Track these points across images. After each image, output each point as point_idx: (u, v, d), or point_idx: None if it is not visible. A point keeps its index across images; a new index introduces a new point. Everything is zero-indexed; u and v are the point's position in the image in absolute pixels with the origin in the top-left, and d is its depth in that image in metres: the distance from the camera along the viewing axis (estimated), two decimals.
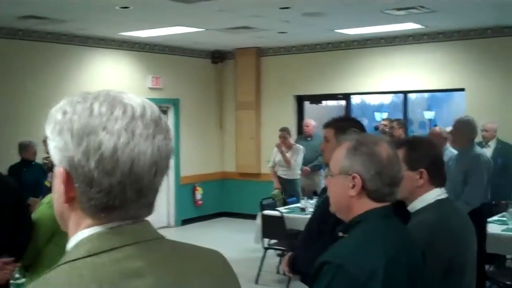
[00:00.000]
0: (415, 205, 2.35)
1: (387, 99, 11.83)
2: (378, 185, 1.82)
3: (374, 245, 1.74)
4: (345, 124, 2.92)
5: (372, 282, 1.64)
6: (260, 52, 11.13)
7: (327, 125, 3.02)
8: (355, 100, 11.50)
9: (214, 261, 1.16)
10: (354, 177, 1.82)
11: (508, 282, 5.40)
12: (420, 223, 2.25)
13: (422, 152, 2.36)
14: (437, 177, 2.36)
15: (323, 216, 2.56)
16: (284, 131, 8.73)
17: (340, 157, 1.87)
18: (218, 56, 11.45)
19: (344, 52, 10.28)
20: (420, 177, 2.32)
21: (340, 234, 1.87)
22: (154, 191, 1.07)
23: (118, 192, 1.00)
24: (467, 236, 2.40)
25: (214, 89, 11.62)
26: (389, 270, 1.68)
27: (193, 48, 10.91)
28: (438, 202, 2.33)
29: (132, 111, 1.02)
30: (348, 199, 1.84)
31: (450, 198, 2.50)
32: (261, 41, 10.24)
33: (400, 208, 2.42)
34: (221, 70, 11.64)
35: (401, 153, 2.26)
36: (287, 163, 8.51)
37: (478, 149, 5.57)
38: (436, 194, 2.34)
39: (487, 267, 6.10)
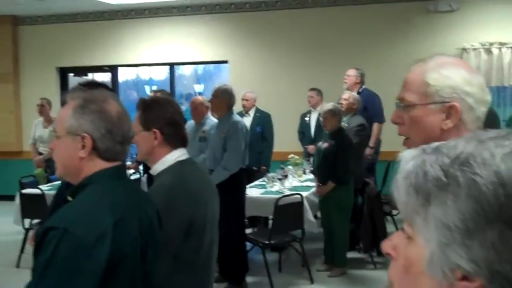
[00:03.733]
0: (157, 168, 2.32)
1: (161, 73, 11.81)
2: (109, 144, 1.73)
3: (101, 207, 1.66)
4: (92, 88, 2.77)
5: (100, 244, 1.57)
6: (17, 21, 10.30)
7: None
8: (128, 74, 11.28)
9: None
10: (83, 137, 1.71)
11: (266, 242, 5.71)
12: (160, 185, 2.22)
13: (156, 113, 2.31)
14: (174, 138, 2.33)
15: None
16: (43, 99, 8.42)
17: (66, 116, 1.74)
18: None
19: (108, 22, 9.97)
20: (155, 138, 2.28)
21: (70, 198, 1.75)
22: None
23: None
24: (207, 197, 2.41)
25: None
26: (117, 231, 1.62)
27: None
28: (179, 164, 2.32)
29: None
30: (78, 161, 1.72)
31: (192, 159, 2.49)
32: (18, 8, 9.47)
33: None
34: None
35: (138, 114, 2.20)
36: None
37: (236, 117, 5.74)
38: (176, 155, 2.32)
39: (251, 230, 6.45)
